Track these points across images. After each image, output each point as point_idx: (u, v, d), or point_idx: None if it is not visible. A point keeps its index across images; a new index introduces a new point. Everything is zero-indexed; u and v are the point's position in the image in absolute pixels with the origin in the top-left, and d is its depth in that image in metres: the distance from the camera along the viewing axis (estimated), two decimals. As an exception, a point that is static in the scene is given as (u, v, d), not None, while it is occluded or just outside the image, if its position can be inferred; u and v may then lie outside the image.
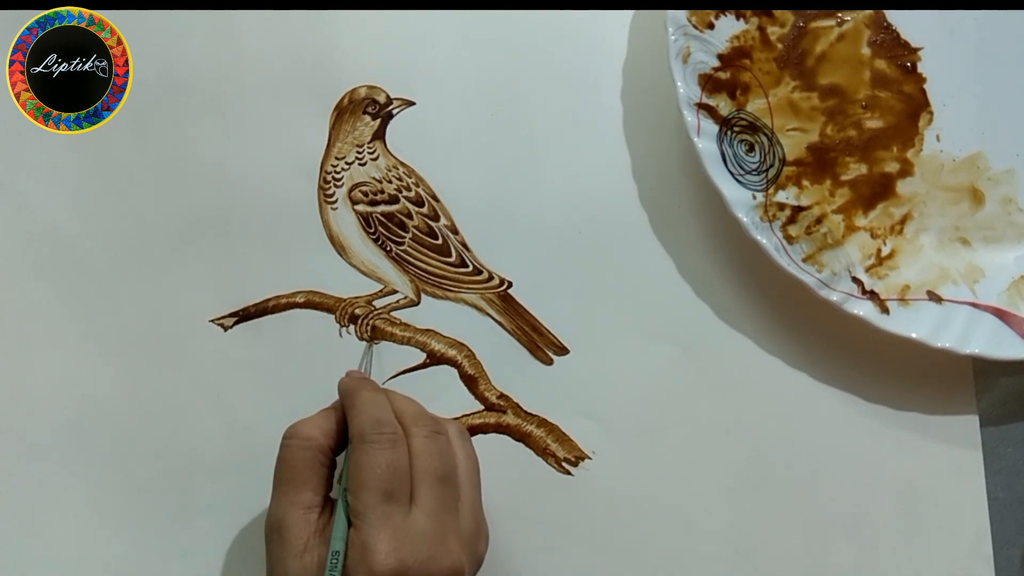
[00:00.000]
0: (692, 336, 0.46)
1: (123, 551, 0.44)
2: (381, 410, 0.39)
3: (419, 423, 0.40)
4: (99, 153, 0.47)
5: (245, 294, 0.46)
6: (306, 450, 0.39)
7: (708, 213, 0.46)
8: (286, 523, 0.37)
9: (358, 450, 0.38)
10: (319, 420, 0.40)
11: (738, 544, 0.45)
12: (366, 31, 0.47)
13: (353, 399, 0.40)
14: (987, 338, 0.43)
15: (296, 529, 0.37)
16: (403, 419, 0.40)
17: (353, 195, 0.46)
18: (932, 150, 0.45)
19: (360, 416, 0.39)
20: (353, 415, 0.39)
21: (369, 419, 0.39)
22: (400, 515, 0.37)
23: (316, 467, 0.39)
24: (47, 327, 0.46)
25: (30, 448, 0.45)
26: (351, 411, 0.39)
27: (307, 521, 0.37)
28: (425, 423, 0.40)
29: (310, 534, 0.37)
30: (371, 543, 0.36)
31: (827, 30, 0.45)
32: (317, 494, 0.38)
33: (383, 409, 0.39)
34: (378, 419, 0.39)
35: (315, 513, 0.38)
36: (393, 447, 0.38)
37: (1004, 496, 0.45)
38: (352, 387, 0.41)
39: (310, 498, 0.38)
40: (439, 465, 0.39)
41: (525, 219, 0.46)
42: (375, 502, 0.37)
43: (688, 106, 0.43)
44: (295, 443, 0.39)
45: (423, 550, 0.36)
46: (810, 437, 0.45)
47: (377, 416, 0.39)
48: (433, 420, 0.41)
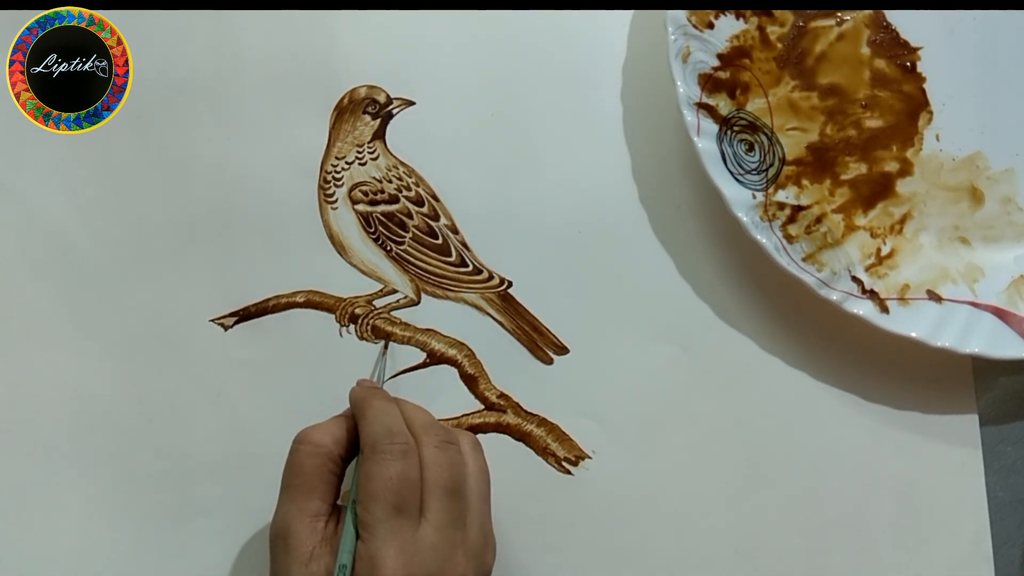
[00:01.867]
0: (692, 335, 0.46)
1: (123, 550, 0.44)
2: (393, 419, 0.39)
3: (430, 433, 0.39)
4: (99, 153, 0.47)
5: (245, 294, 0.46)
6: (316, 456, 0.38)
7: (708, 213, 0.46)
8: (292, 530, 0.37)
9: (369, 460, 0.37)
10: (331, 427, 0.40)
11: (738, 543, 0.45)
12: (366, 31, 0.47)
13: (364, 408, 0.40)
14: (987, 337, 0.43)
15: (302, 537, 0.37)
16: (414, 428, 0.39)
17: (353, 195, 0.46)
18: (932, 149, 0.45)
19: (371, 425, 0.38)
20: (364, 424, 0.39)
21: (380, 428, 0.38)
22: (409, 529, 0.36)
23: (325, 474, 0.38)
24: (47, 327, 0.46)
25: (30, 447, 0.45)
26: (362, 420, 0.39)
27: (314, 529, 0.37)
28: (436, 433, 0.39)
29: (317, 542, 0.37)
30: (379, 557, 0.35)
31: (827, 30, 0.45)
32: (325, 502, 0.38)
33: (395, 418, 0.39)
34: (389, 429, 0.38)
35: (322, 521, 0.37)
36: (404, 458, 0.37)
37: (1003, 495, 0.45)
38: (363, 396, 0.41)
39: (318, 506, 0.38)
40: (449, 477, 0.38)
41: (525, 219, 0.46)
42: (385, 515, 0.36)
43: (688, 106, 0.43)
44: (305, 448, 0.38)
45: (431, 565, 0.36)
46: (810, 437, 0.46)
47: (388, 426, 0.38)
48: (444, 430, 0.40)
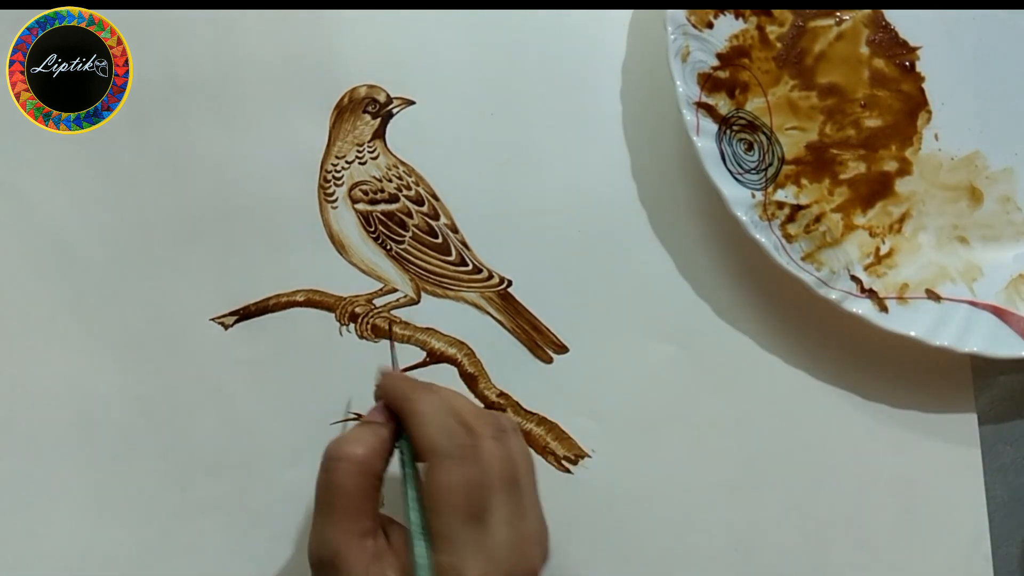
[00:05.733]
0: (691, 335, 0.46)
1: (124, 548, 0.45)
2: (445, 417, 0.37)
3: (482, 424, 0.37)
4: (99, 153, 0.47)
5: (246, 293, 0.46)
6: (359, 476, 0.36)
7: (707, 212, 0.46)
8: (343, 556, 0.35)
9: (436, 470, 0.36)
10: (367, 438, 0.37)
11: (737, 541, 0.45)
12: (366, 31, 0.47)
13: (412, 405, 0.37)
14: (985, 336, 0.43)
15: (354, 560, 0.35)
16: (466, 420, 0.37)
17: (353, 194, 0.46)
18: (930, 149, 0.45)
19: (426, 428, 0.36)
20: (416, 425, 0.37)
21: (437, 431, 0.36)
22: (484, 534, 0.35)
23: (370, 491, 0.36)
24: (48, 326, 0.46)
25: (31, 446, 0.45)
26: (412, 418, 0.37)
27: (364, 548, 0.35)
28: (488, 422, 0.38)
29: (370, 561, 0.35)
30: (460, 567, 0.34)
31: (826, 29, 0.45)
32: (372, 520, 0.36)
33: (447, 416, 0.37)
34: (448, 430, 0.36)
35: (371, 539, 0.36)
36: (473, 462, 0.36)
37: (1002, 494, 0.46)
38: (404, 390, 0.38)
39: (366, 525, 0.36)
40: (508, 470, 0.37)
41: (525, 218, 0.46)
42: (460, 525, 0.35)
43: (687, 105, 0.43)
44: (345, 467, 0.36)
45: (507, 563, 0.35)
46: (809, 435, 0.46)
47: (445, 426, 0.36)
48: (493, 417, 0.38)
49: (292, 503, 0.45)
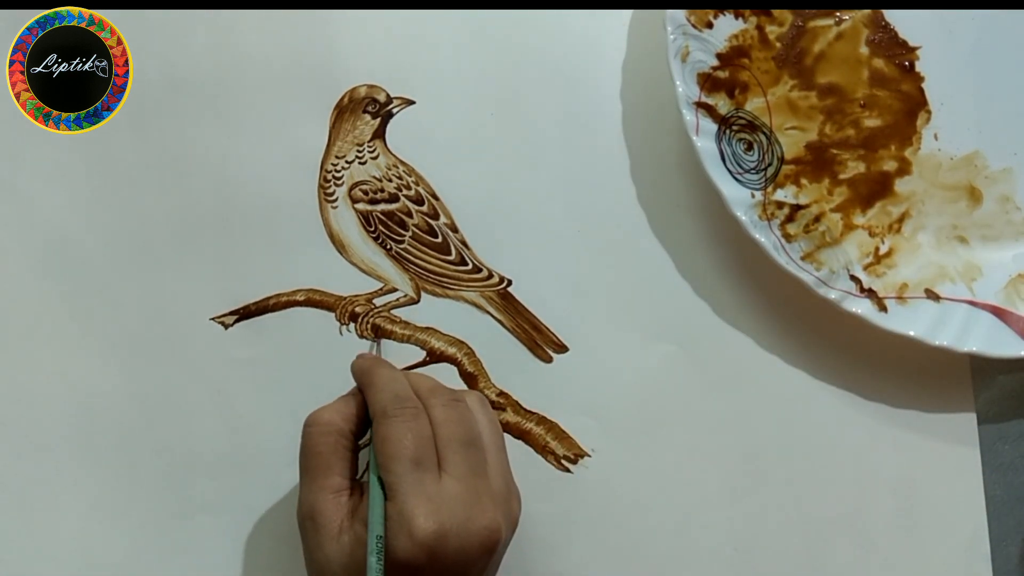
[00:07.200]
0: (691, 334, 0.46)
1: (124, 548, 0.45)
2: (400, 385, 0.40)
3: (436, 394, 0.40)
4: (99, 153, 0.47)
5: (246, 292, 0.46)
6: (328, 435, 0.39)
7: (707, 212, 0.46)
8: (318, 509, 0.38)
9: (382, 425, 0.38)
10: (338, 405, 0.41)
11: (736, 541, 0.45)
12: (366, 31, 0.47)
13: (370, 377, 0.40)
14: (985, 336, 0.43)
15: (329, 513, 0.38)
16: (420, 393, 0.40)
17: (353, 194, 0.46)
18: (930, 149, 0.45)
19: (380, 393, 0.39)
20: (372, 392, 0.40)
21: (389, 395, 0.39)
22: (432, 482, 0.37)
23: (340, 451, 0.39)
24: (48, 326, 0.46)
25: (31, 446, 0.45)
26: (369, 389, 0.40)
27: (338, 504, 0.38)
28: (443, 393, 0.41)
29: (343, 516, 0.38)
30: (408, 510, 0.36)
31: (825, 29, 0.45)
32: (344, 477, 0.39)
33: (401, 384, 0.40)
34: (397, 394, 0.39)
35: (344, 496, 0.39)
36: (416, 419, 0.38)
37: (1001, 493, 0.46)
38: (367, 366, 0.42)
39: (338, 482, 0.39)
40: (462, 431, 0.39)
41: (525, 217, 0.46)
42: (406, 471, 0.37)
43: (687, 105, 0.43)
44: (316, 430, 0.39)
45: (459, 512, 0.37)
46: (808, 435, 0.46)
47: (396, 391, 0.39)
48: (450, 391, 0.42)
49: (292, 503, 0.44)
